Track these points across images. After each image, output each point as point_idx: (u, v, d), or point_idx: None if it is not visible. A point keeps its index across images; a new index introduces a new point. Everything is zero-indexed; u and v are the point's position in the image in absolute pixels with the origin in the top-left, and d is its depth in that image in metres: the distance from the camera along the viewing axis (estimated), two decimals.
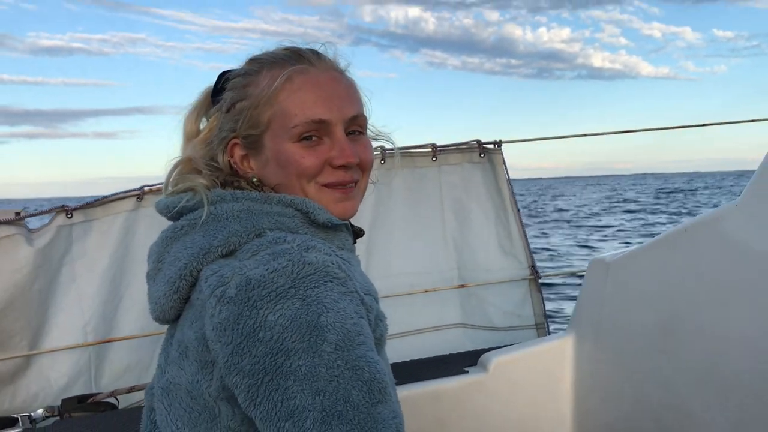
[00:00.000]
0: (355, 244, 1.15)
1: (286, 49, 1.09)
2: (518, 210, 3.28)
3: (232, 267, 0.92)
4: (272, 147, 1.05)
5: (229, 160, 1.07)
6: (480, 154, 3.22)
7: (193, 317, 0.96)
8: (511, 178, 3.26)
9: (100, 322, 2.63)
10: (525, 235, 3.28)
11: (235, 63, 1.11)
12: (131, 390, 2.32)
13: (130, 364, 2.70)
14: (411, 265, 3.18)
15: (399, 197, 3.17)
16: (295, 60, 1.06)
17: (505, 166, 3.24)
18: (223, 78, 1.09)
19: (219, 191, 1.03)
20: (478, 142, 3.22)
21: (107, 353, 2.67)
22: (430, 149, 3.18)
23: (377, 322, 1.00)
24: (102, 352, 2.65)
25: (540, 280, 3.30)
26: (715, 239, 1.48)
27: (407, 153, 3.16)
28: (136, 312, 2.67)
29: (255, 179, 1.07)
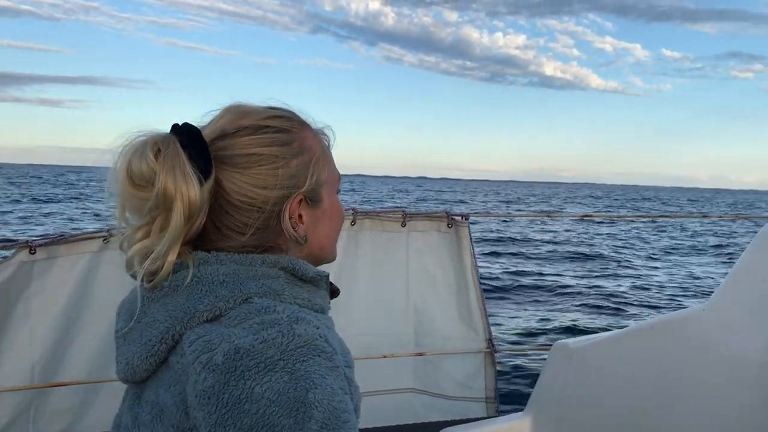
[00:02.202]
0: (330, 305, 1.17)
1: (288, 111, 1.11)
2: (480, 282, 3.34)
3: (219, 333, 0.91)
4: (327, 200, 1.10)
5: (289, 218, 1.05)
6: (448, 225, 3.28)
7: (172, 381, 0.93)
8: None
9: (49, 364, 2.54)
10: (484, 308, 3.33)
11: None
12: None
13: (71, 409, 2.61)
14: (371, 326, 3.19)
15: (366, 259, 3.20)
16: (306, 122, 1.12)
17: (471, 238, 3.31)
18: (212, 135, 1.03)
19: (202, 254, 1.00)
20: (447, 213, 3.29)
21: (49, 396, 2.57)
22: (400, 215, 3.23)
23: (354, 392, 1.00)
24: (44, 395, 2.56)
25: (496, 354, 3.33)
26: (682, 339, 1.54)
27: (377, 217, 3.20)
28: (84, 357, 2.59)
29: (305, 235, 1.07)
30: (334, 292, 1.15)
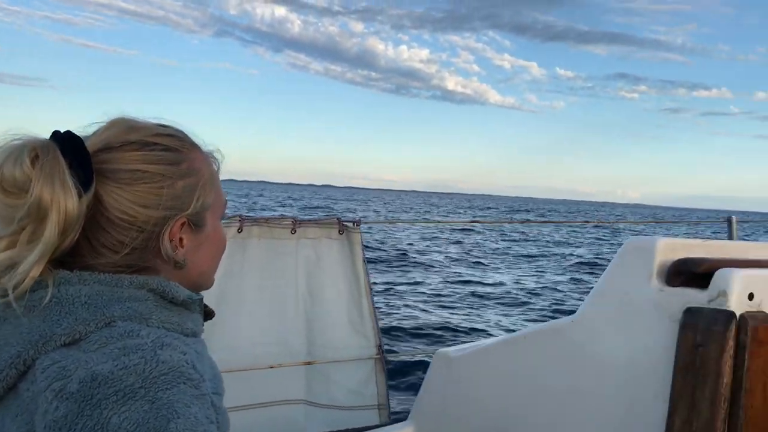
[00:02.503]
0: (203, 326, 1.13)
1: (178, 131, 1.06)
2: (371, 289, 3.34)
3: (76, 359, 0.85)
4: (211, 226, 1.06)
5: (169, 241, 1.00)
6: (339, 231, 3.27)
7: (19, 409, 0.87)
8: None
9: None
10: (375, 314, 3.34)
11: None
12: None
13: None
14: (259, 336, 3.13)
15: (254, 267, 3.12)
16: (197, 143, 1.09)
17: (363, 244, 3.31)
18: (97, 148, 0.97)
19: (64, 272, 0.94)
20: (338, 219, 3.28)
21: None
22: (290, 222, 3.19)
23: (222, 421, 0.97)
24: None
25: (386, 360, 3.35)
26: (553, 349, 1.61)
27: (266, 224, 3.15)
28: None
29: (184, 260, 1.02)
30: (208, 315, 1.12)
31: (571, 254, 26.85)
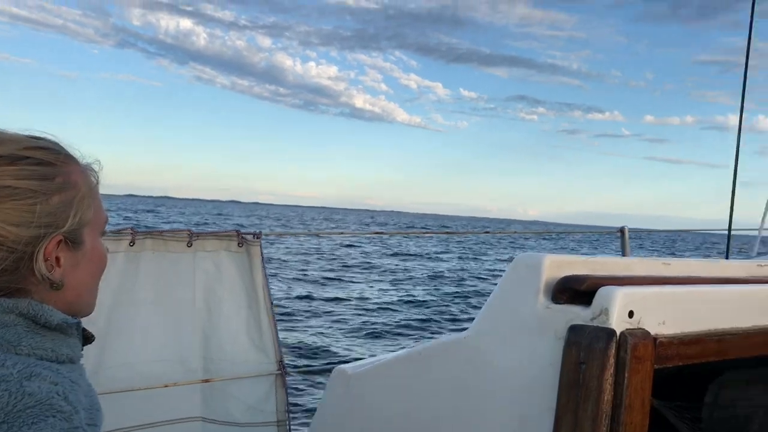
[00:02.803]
0: (83, 351, 1.05)
1: (52, 142, 0.99)
2: (271, 303, 3.27)
3: None
4: (90, 242, 1.00)
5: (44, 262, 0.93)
6: (238, 244, 3.18)
7: None
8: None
9: None
10: (275, 329, 3.27)
11: None
12: None
13: None
14: (154, 353, 3.00)
15: (148, 282, 2.99)
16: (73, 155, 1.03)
17: (263, 257, 3.24)
18: None
19: None
20: (237, 231, 3.19)
21: None
22: (185, 234, 3.07)
23: None
24: None
25: (287, 376, 3.29)
26: (447, 364, 1.61)
27: (160, 237, 3.02)
28: None
29: (61, 281, 0.96)
30: (87, 339, 1.05)
31: (443, 269, 27.66)
